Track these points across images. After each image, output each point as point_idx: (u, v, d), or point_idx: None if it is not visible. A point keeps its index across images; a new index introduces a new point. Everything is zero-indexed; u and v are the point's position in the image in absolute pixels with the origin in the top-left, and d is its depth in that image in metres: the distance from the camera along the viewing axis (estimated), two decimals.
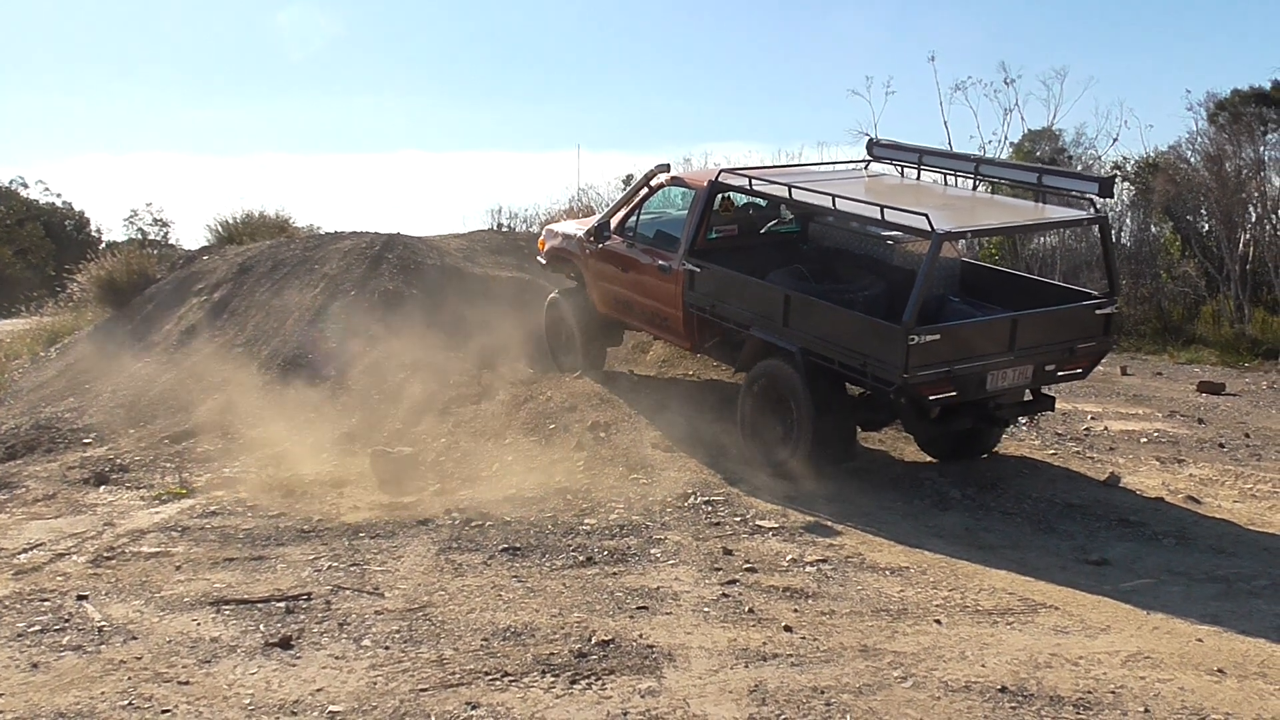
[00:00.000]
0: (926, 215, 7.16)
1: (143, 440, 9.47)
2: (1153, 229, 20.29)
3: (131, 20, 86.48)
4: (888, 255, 8.90)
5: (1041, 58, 53.57)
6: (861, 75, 34.90)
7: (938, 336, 7.23)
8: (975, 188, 8.93)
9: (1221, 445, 9.65)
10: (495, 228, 18.47)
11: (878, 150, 9.72)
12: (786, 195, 8.41)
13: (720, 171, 9.14)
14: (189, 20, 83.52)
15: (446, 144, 70.10)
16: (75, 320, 14.40)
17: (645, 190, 9.64)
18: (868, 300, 8.22)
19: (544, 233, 11.12)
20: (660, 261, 9.12)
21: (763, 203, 9.64)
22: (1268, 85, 19.88)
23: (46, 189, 41.31)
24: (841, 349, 7.62)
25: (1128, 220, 20.65)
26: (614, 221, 9.75)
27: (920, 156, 9.26)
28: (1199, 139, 19.97)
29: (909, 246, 8.69)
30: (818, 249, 9.46)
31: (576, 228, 10.45)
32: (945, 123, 27.19)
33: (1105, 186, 7.97)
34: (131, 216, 40.23)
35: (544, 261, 10.92)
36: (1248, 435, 10.07)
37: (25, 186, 40.74)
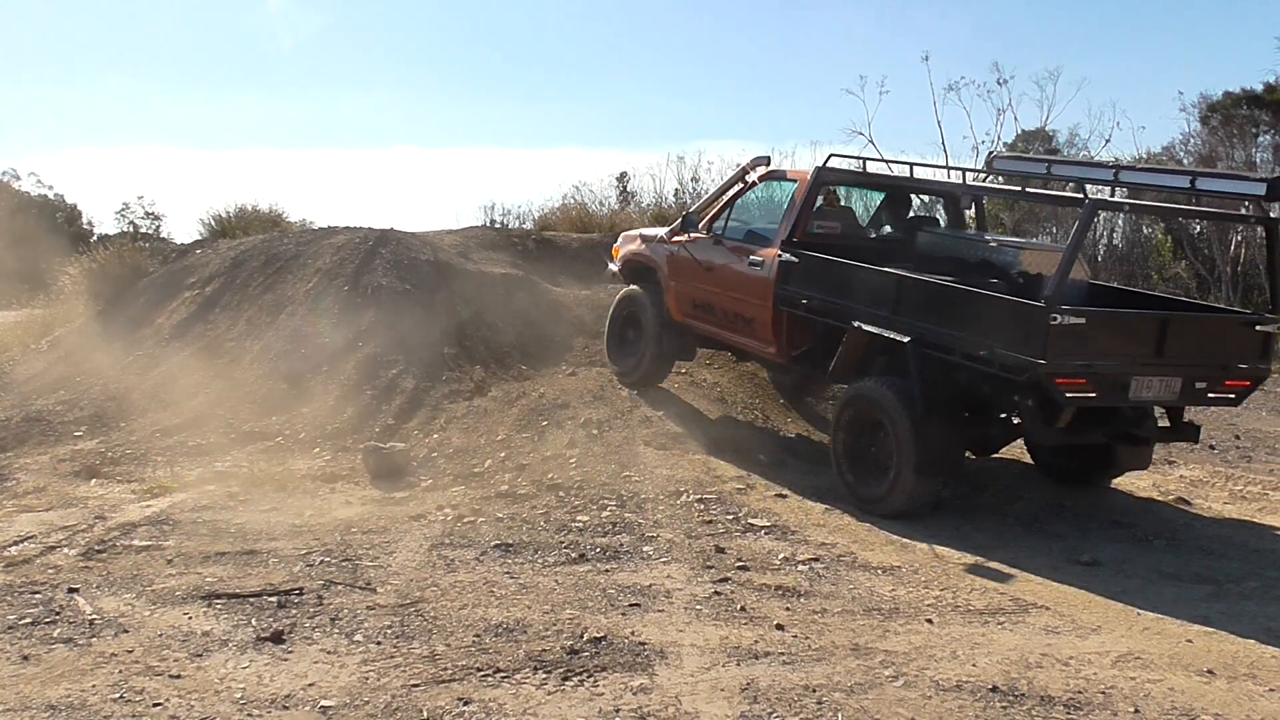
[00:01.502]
0: (1080, 183, 6.87)
1: (134, 434, 9.44)
2: (1144, 230, 20.39)
3: (123, 12, 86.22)
4: (1008, 262, 7.95)
5: (1035, 58, 53.76)
6: (855, 74, 35.08)
7: (1083, 320, 6.51)
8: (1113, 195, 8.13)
9: (1212, 447, 9.69)
10: (489, 224, 18.44)
11: (999, 163, 8.97)
12: (907, 176, 7.93)
13: (830, 156, 8.57)
14: (182, 13, 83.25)
15: (440, 140, 69.95)
16: (67, 313, 14.33)
17: (740, 186, 9.12)
18: None
19: (619, 239, 10.66)
20: (752, 257, 8.58)
21: (866, 210, 9.14)
22: (1259, 87, 19.98)
23: (39, 181, 41.22)
24: (963, 336, 6.90)
25: (1119, 221, 20.74)
26: (703, 218, 9.25)
27: (1049, 167, 8.49)
28: (1191, 140, 20.11)
29: (1030, 255, 7.90)
30: (928, 257, 8.36)
31: (656, 231, 9.96)
32: (939, 123, 27.26)
33: (1275, 188, 6.98)
34: (123, 210, 40.16)
35: (615, 269, 10.44)
36: (1238, 437, 10.12)
37: (17, 179, 40.65)
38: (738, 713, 4.24)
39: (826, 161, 8.46)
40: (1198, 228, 19.31)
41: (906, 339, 7.18)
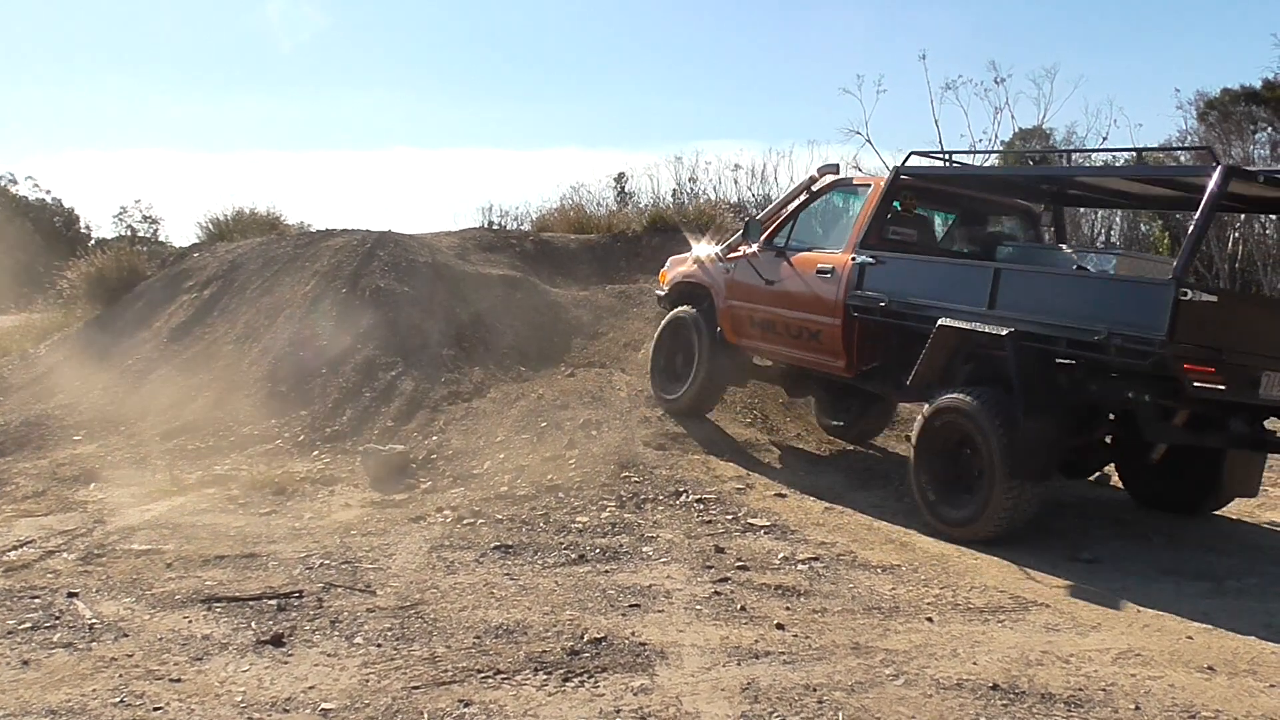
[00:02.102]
0: (1210, 148, 6.58)
1: (133, 437, 9.44)
2: (1142, 227, 20.40)
3: (123, 13, 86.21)
4: (1103, 270, 7.32)
5: (1032, 56, 53.98)
6: (852, 73, 35.24)
7: (1215, 299, 5.98)
8: None
9: None
10: (487, 225, 18.43)
11: (1087, 175, 8.42)
12: (1006, 173, 7.48)
13: (910, 154, 8.17)
14: (182, 14, 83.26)
15: (438, 141, 70.04)
16: (65, 317, 14.33)
17: (805, 196, 8.65)
18: None
19: (667, 264, 10.10)
20: (820, 265, 8.06)
21: (943, 221, 8.65)
22: (1258, 84, 20.01)
23: (36, 185, 41.29)
24: (1072, 323, 6.30)
25: (1117, 219, 20.77)
26: (764, 231, 8.66)
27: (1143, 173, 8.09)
28: (1189, 137, 20.10)
29: (1125, 262, 7.34)
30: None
31: (709, 249, 9.46)
32: (936, 121, 27.34)
33: None
34: (121, 213, 40.24)
35: (663, 293, 9.89)
36: None
37: (15, 183, 40.72)
38: (738, 712, 4.24)
39: (905, 161, 8.06)
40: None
41: (1005, 331, 6.57)
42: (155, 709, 4.23)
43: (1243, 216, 18.45)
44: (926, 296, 7.25)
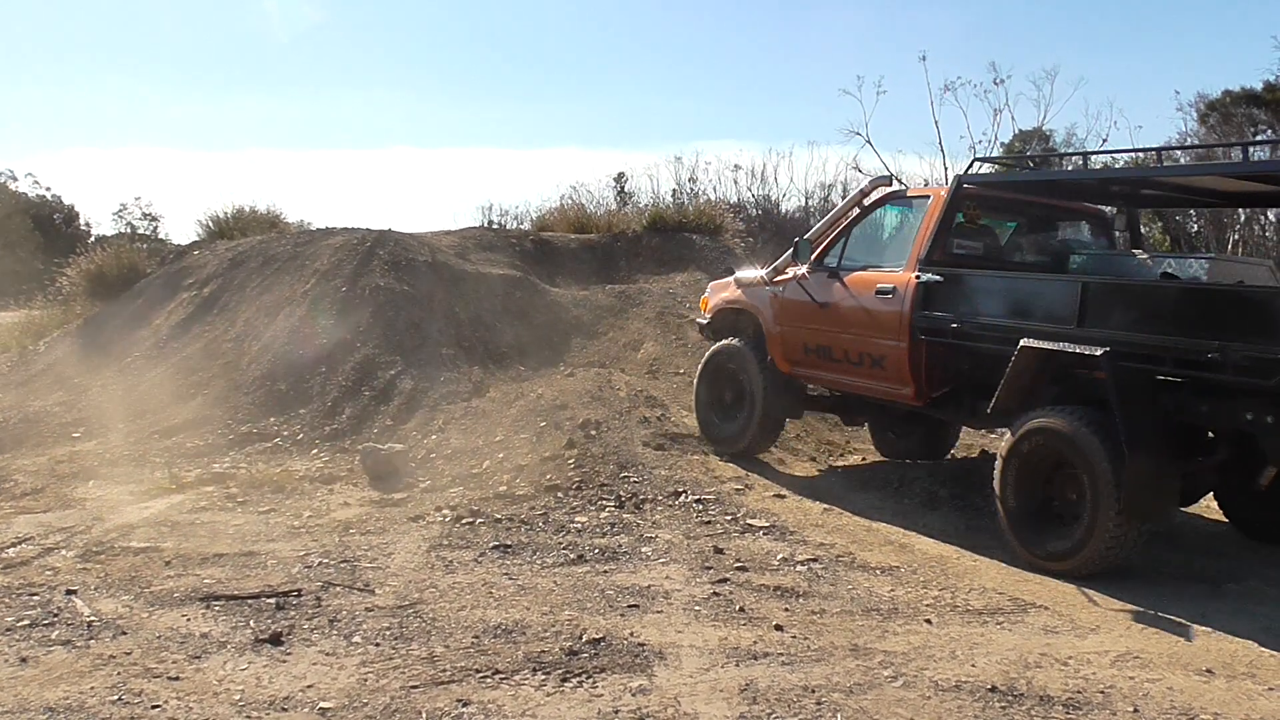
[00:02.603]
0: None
1: (132, 435, 9.44)
2: (1142, 229, 20.40)
3: (123, 12, 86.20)
4: (1194, 276, 6.90)
5: (1032, 57, 53.97)
6: (852, 74, 35.25)
7: None
8: None
9: None
10: (487, 225, 18.43)
11: (1163, 170, 8.10)
12: (1083, 176, 6.99)
13: (973, 161, 7.82)
14: (181, 13, 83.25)
15: (438, 140, 70.00)
16: (64, 314, 14.33)
17: (857, 211, 8.15)
18: None
19: (708, 289, 9.60)
20: (880, 285, 7.54)
21: (1009, 226, 8.14)
22: (1259, 86, 20.00)
23: (36, 182, 41.33)
24: (1178, 339, 5.79)
25: (1117, 219, 20.73)
26: (814, 250, 8.11)
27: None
28: (1189, 139, 20.11)
29: (1218, 266, 6.89)
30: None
31: (754, 273, 8.91)
32: (936, 123, 27.34)
33: None
34: (120, 211, 40.30)
35: (705, 321, 9.38)
36: None
37: (14, 180, 40.74)
38: (737, 714, 4.24)
39: (969, 168, 7.68)
40: (1195, 227, 19.33)
41: (1100, 351, 6.03)
42: (153, 707, 4.23)
43: (1243, 218, 18.46)
44: (1003, 315, 6.78)
